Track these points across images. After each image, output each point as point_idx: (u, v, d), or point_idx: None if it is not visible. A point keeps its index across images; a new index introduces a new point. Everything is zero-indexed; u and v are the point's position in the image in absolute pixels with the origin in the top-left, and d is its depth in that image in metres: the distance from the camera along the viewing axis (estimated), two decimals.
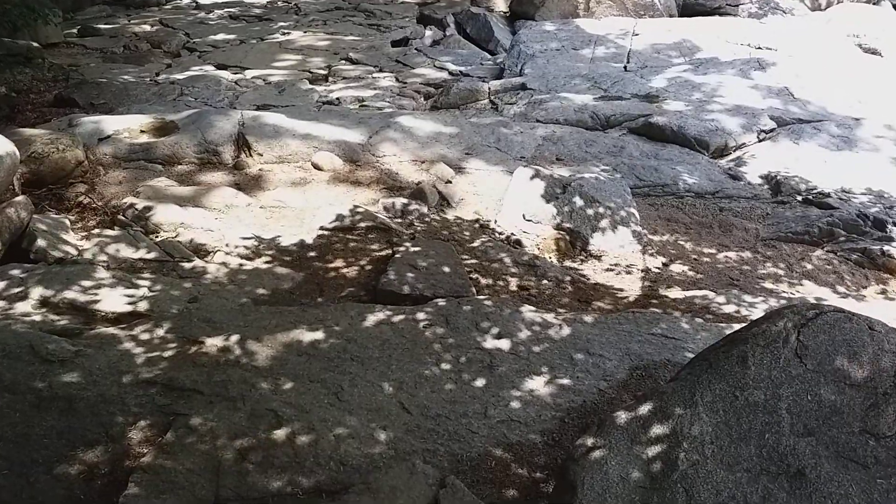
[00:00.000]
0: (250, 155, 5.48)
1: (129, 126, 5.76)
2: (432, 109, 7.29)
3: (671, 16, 11.66)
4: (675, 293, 4.18)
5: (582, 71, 7.47)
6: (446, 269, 3.98)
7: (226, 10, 12.54)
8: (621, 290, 4.23)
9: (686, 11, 12.62)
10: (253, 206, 4.85)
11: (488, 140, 5.87)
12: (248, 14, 12.27)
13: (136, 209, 4.60)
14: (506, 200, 4.85)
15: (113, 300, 3.69)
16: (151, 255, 4.20)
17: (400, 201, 4.89)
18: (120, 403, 2.87)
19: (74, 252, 4.22)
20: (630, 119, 6.23)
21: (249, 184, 5.18)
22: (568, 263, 4.47)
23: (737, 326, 3.30)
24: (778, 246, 4.78)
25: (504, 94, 7.06)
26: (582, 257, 4.56)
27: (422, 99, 7.75)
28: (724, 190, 5.45)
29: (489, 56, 9.72)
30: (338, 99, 7.68)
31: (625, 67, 7.63)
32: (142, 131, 5.74)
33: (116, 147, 5.47)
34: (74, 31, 10.36)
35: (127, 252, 4.21)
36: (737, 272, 4.47)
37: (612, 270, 4.44)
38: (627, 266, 4.48)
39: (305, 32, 10.79)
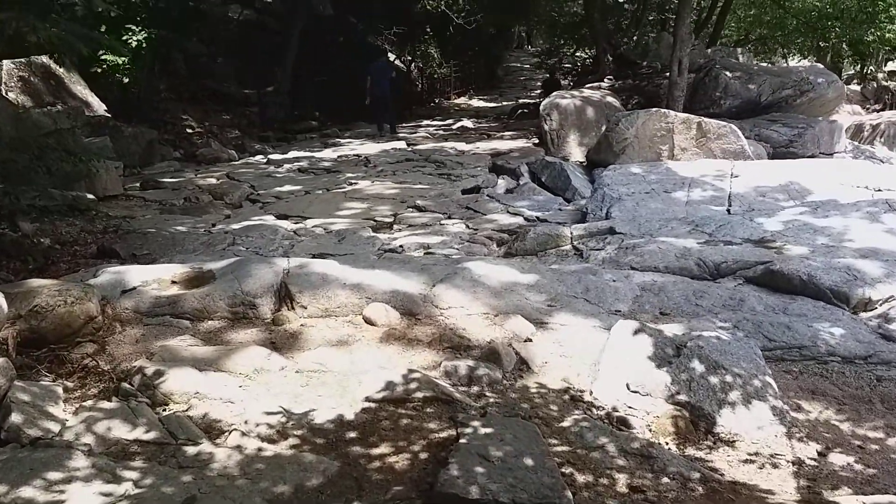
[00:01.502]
0: (292, 308, 4.64)
1: (159, 276, 5.04)
2: (506, 256, 6.42)
3: None
4: (850, 500, 2.98)
5: (678, 214, 6.56)
6: (529, 462, 2.90)
7: (296, 164, 12.34)
8: (770, 492, 3.06)
9: (777, 159, 11.82)
10: (287, 370, 3.93)
11: (575, 290, 4.90)
12: (316, 167, 12.02)
13: (146, 375, 3.74)
14: (603, 364, 3.81)
15: (82, 501, 2.75)
16: (150, 436, 3.27)
17: (466, 365, 3.90)
18: None
19: (59, 428, 3.35)
20: (745, 266, 5.20)
21: (287, 342, 4.29)
22: (692, 452, 3.33)
23: None
24: None
25: (589, 238, 6.17)
26: (709, 443, 3.42)
27: (494, 245, 6.93)
28: (877, 354, 4.27)
29: (567, 202, 8.95)
30: (401, 246, 6.93)
31: (728, 210, 6.69)
32: (173, 282, 5.01)
33: (139, 300, 4.71)
34: (137, 184, 10.12)
35: (120, 431, 3.30)
36: None
37: (751, 462, 3.28)
38: (772, 456, 3.32)
39: (373, 182, 10.33)
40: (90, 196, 8.69)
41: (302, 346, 4.22)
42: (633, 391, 3.66)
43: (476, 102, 26.09)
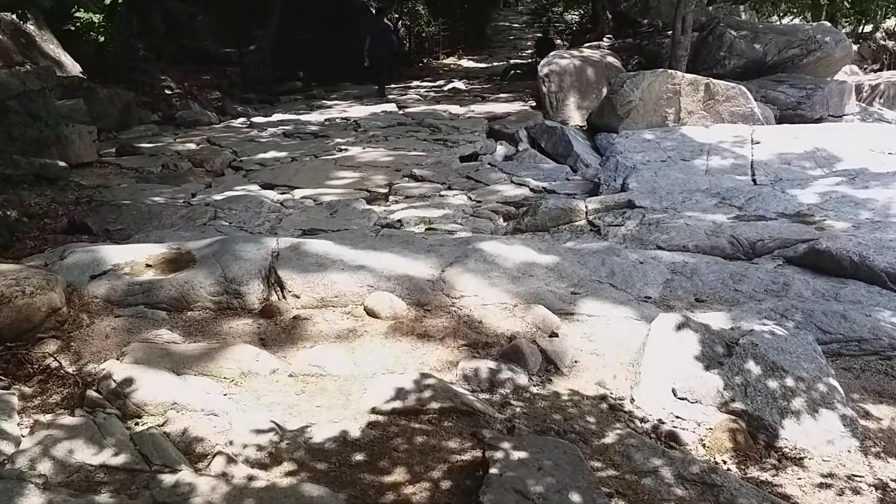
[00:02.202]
0: (283, 296, 4.11)
1: (132, 259, 4.48)
2: (515, 232, 5.91)
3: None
4: None
5: (701, 185, 6.04)
6: (576, 499, 2.41)
7: (280, 127, 11.68)
8: None
9: (783, 123, 11.32)
10: (279, 374, 3.41)
11: (599, 273, 4.40)
12: (303, 131, 11.37)
13: (115, 380, 3.21)
14: (644, 366, 3.31)
15: None
16: (120, 460, 2.76)
17: (486, 366, 3.40)
18: None
19: (12, 450, 2.83)
20: (785, 245, 4.71)
21: (278, 337, 3.76)
22: (755, 473, 2.85)
23: None
24: None
25: (606, 213, 5.65)
26: (773, 461, 2.94)
27: (501, 220, 6.41)
28: None
29: (573, 171, 8.41)
30: (399, 221, 6.39)
31: (753, 181, 6.18)
32: (147, 265, 4.45)
33: (111, 287, 4.16)
34: (113, 150, 9.46)
35: (84, 454, 2.78)
36: None
37: (827, 486, 2.81)
38: (849, 478, 2.85)
39: (365, 148, 9.72)
40: (61, 164, 8.05)
41: (295, 342, 3.70)
42: (680, 398, 3.18)
43: (466, 63, 25.28)
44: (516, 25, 38.23)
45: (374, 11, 18.88)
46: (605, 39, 15.78)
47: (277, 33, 17.03)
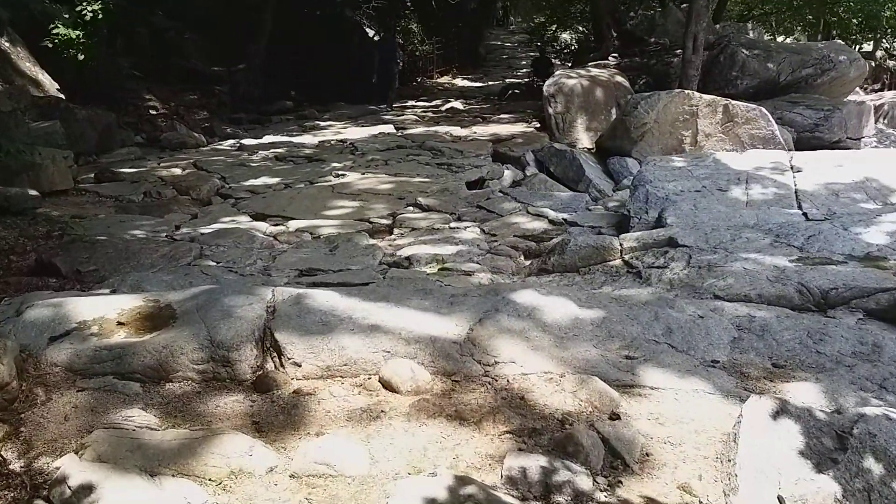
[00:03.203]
0: (281, 364, 3.42)
1: (102, 314, 3.78)
2: (541, 273, 5.25)
3: (789, 150, 9.71)
4: None
5: (748, 220, 5.40)
6: None
7: (272, 150, 11.01)
8: None
9: (801, 146, 10.77)
10: (278, 473, 2.72)
11: (654, 330, 3.73)
12: (296, 155, 10.70)
13: (70, 487, 2.51)
14: (740, 466, 2.63)
15: None
16: None
17: (537, 464, 2.71)
18: None
19: None
20: (862, 295, 4.06)
21: (276, 420, 3.07)
22: None
23: None
24: None
25: (644, 252, 5.00)
26: None
27: (522, 258, 5.76)
28: None
29: (593, 199, 7.78)
30: (408, 259, 5.73)
31: (804, 215, 5.55)
32: (119, 323, 3.75)
33: (75, 353, 3.45)
34: (92, 175, 8.77)
35: None
36: None
37: None
38: None
39: (364, 174, 9.07)
40: (32, 192, 7.35)
41: (297, 428, 3.00)
42: None
43: (460, 82, 24.74)
44: (509, 45, 37.89)
45: (380, 30, 18.66)
46: (610, 58, 15.23)
47: (268, 51, 16.42)
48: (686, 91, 10.25)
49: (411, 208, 7.47)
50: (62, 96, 10.85)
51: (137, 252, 5.67)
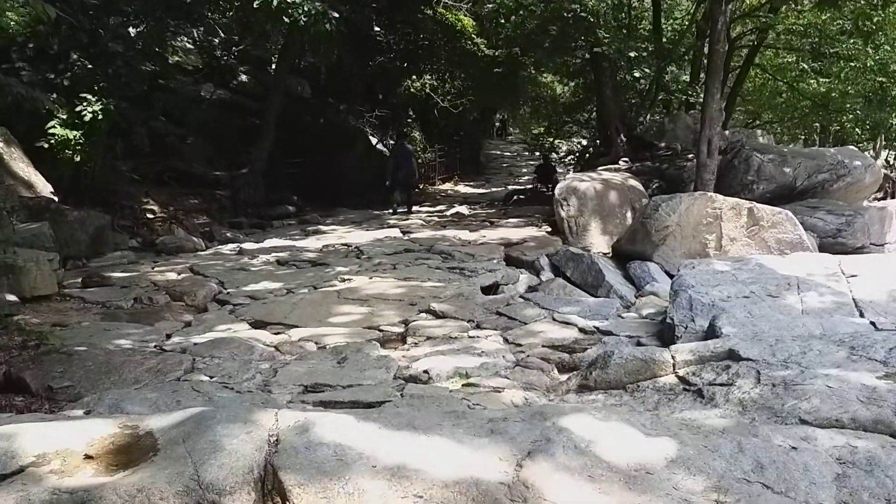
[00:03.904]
0: None
1: (67, 445, 3.09)
2: (581, 390, 4.58)
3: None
4: None
5: (812, 329, 4.79)
6: None
7: (273, 254, 10.48)
8: None
9: (825, 252, 10.28)
10: None
11: (741, 466, 3.04)
12: (299, 259, 10.17)
13: None
14: None
15: None
16: None
17: None
18: None
19: None
20: None
21: None
22: None
23: None
24: None
25: (702, 367, 4.35)
26: None
27: (555, 371, 5.13)
28: None
29: (623, 305, 7.19)
30: (426, 372, 5.08)
31: (872, 324, 4.94)
32: (87, 456, 3.06)
33: (25, 497, 2.75)
34: (79, 280, 8.18)
35: None
36: None
37: None
38: None
39: (371, 278, 8.50)
40: (11, 297, 6.75)
41: None
42: None
43: (463, 188, 24.67)
44: (508, 154, 38.41)
45: (393, 134, 19.43)
46: (621, 163, 15.01)
47: (270, 156, 16.22)
48: (709, 193, 9.85)
49: (424, 315, 6.85)
50: (54, 198, 10.39)
51: (120, 365, 5.00)
